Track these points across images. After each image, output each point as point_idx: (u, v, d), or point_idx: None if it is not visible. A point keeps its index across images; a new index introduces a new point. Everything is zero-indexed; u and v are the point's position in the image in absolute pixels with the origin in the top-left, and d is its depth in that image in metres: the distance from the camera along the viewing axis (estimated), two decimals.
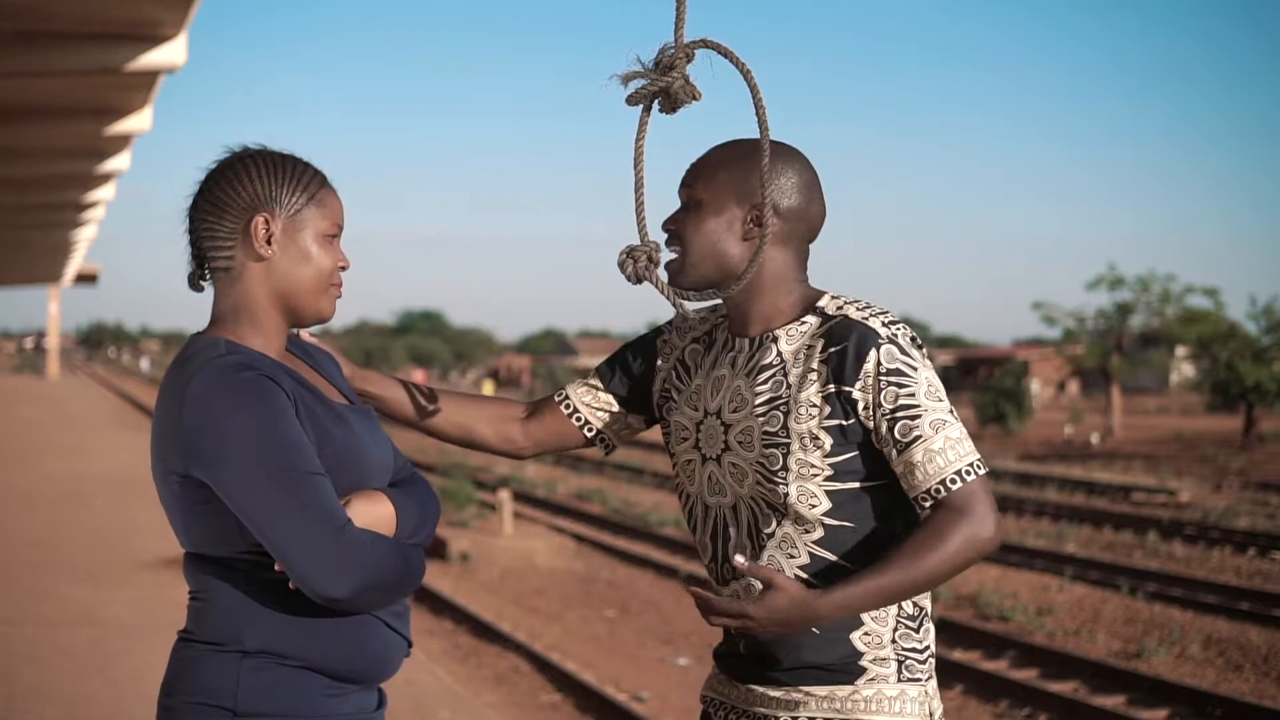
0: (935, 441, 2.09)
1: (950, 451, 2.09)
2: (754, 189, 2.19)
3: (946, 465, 2.09)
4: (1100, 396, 47.34)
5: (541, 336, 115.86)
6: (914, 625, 2.18)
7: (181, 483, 2.00)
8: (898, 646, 2.16)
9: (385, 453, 2.15)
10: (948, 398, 2.15)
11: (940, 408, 2.11)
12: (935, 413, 2.10)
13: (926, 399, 2.10)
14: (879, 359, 2.10)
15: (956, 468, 2.09)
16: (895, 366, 2.11)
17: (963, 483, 2.09)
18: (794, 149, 2.25)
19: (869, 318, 2.15)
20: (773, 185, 2.19)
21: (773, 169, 2.19)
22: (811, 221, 2.25)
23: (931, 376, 2.13)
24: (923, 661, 2.18)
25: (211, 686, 2.01)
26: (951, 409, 2.14)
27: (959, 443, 2.10)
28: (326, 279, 2.13)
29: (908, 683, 2.15)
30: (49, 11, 8.04)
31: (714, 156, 2.25)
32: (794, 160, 2.24)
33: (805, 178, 2.24)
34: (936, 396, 2.12)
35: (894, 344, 2.12)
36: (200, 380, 1.98)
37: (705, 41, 2.15)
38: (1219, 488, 22.80)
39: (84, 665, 7.08)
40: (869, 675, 2.14)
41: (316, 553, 1.93)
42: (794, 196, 2.22)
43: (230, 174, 2.11)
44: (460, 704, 7.02)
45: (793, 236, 2.23)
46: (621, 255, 2.19)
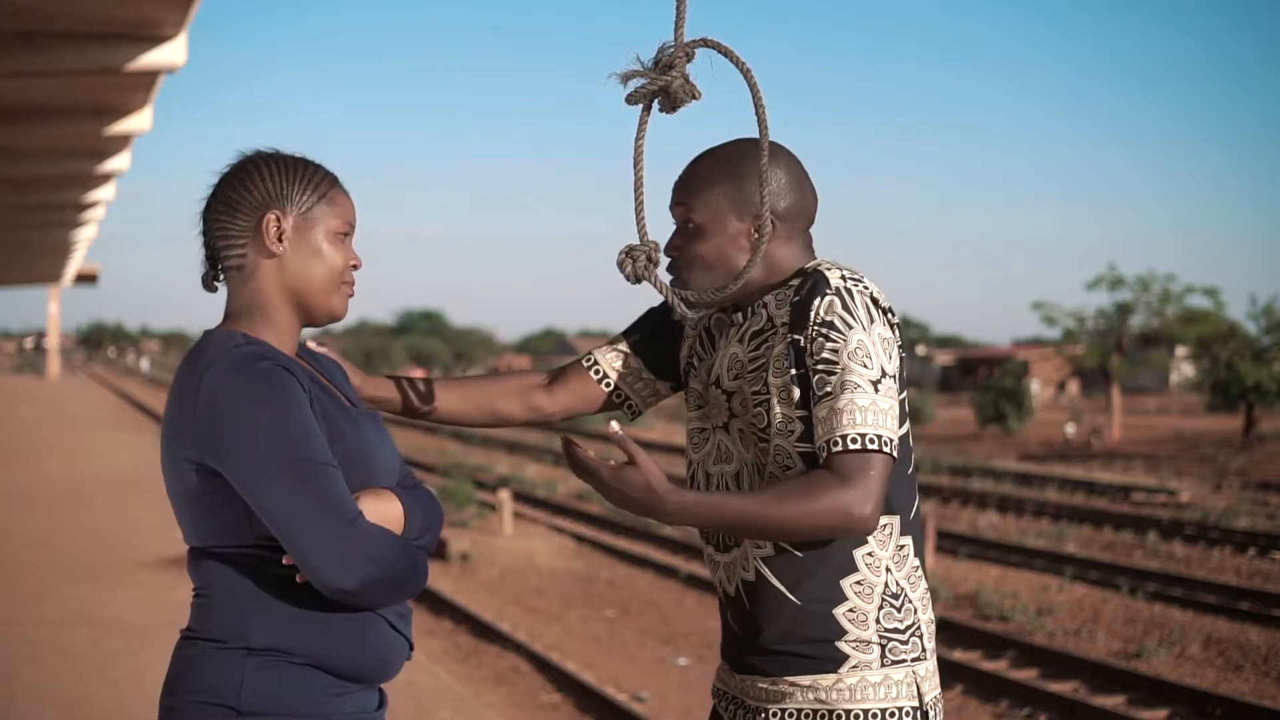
0: (840, 400, 2.05)
1: (851, 415, 2.04)
2: (750, 197, 2.21)
3: (839, 426, 2.05)
4: (1100, 396, 47.34)
5: (541, 336, 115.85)
6: (896, 604, 2.15)
7: (193, 471, 2.01)
8: (881, 627, 2.14)
9: (392, 456, 2.17)
10: (886, 369, 2.08)
11: (861, 372, 2.06)
12: (852, 374, 2.05)
13: (849, 359, 2.06)
14: (819, 308, 2.09)
15: (850, 432, 2.04)
16: (831, 319, 2.08)
17: (851, 449, 2.03)
18: (777, 145, 2.25)
19: (831, 270, 2.14)
20: (766, 187, 2.18)
21: (759, 176, 2.19)
22: (808, 212, 2.28)
23: (868, 341, 2.07)
24: (905, 642, 2.15)
25: (215, 684, 2.01)
26: (880, 380, 2.06)
27: (866, 410, 2.04)
28: (338, 276, 2.15)
29: (891, 666, 2.13)
30: (49, 11, 8.03)
31: (701, 171, 2.25)
32: (780, 158, 2.24)
33: (794, 173, 2.25)
34: (862, 360, 2.06)
35: (839, 297, 2.09)
36: (217, 369, 2.00)
37: (705, 40, 2.15)
38: (1219, 488, 22.80)
39: (84, 665, 7.08)
40: (851, 662, 2.13)
41: (327, 543, 1.94)
42: (789, 195, 2.24)
43: (242, 174, 2.14)
44: (460, 704, 7.03)
45: (795, 230, 2.25)
46: (621, 255, 2.20)
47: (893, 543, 2.16)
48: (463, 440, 33.74)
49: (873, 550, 2.14)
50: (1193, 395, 48.33)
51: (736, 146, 2.25)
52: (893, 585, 2.15)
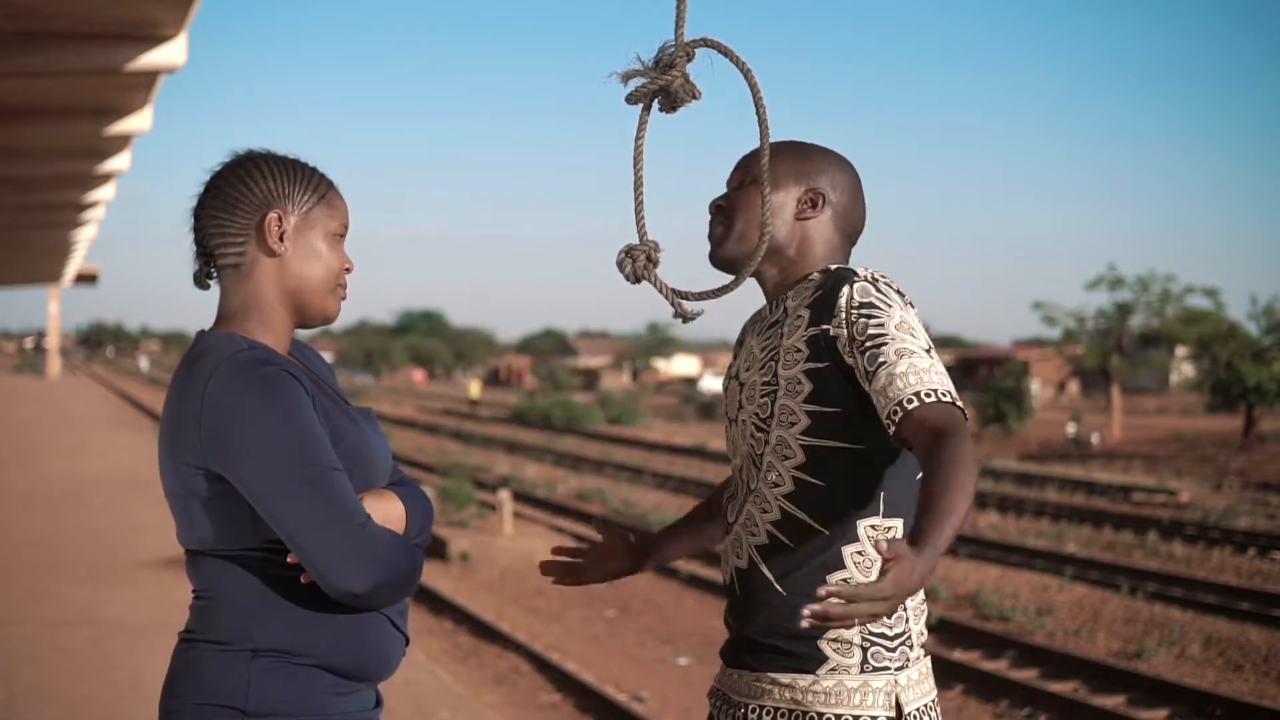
0: (899, 365, 2.00)
1: (919, 375, 1.99)
2: (813, 173, 2.25)
3: (910, 385, 1.98)
4: (1100, 396, 47.36)
5: (541, 336, 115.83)
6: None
7: (196, 476, 2.01)
8: (865, 629, 2.10)
9: (387, 454, 2.18)
10: (931, 345, 2.06)
11: (911, 341, 2.03)
12: (903, 343, 2.03)
13: (898, 330, 2.04)
14: (852, 294, 2.09)
15: (919, 389, 1.97)
16: (868, 300, 2.08)
17: (923, 402, 1.96)
18: (843, 157, 2.31)
19: (856, 268, 2.16)
20: (823, 174, 2.25)
21: (825, 161, 2.26)
22: (855, 221, 2.30)
23: (908, 316, 2.07)
24: (892, 649, 2.12)
25: (220, 686, 2.01)
26: (929, 348, 2.04)
27: (927, 372, 1.99)
28: (334, 278, 2.16)
29: (871, 673, 2.10)
30: (49, 11, 8.03)
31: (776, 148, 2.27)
32: (844, 164, 2.29)
33: (852, 181, 2.29)
34: (909, 331, 2.04)
35: (869, 283, 2.10)
36: (222, 375, 1.99)
37: (705, 40, 2.15)
38: (1219, 488, 22.80)
39: (84, 665, 7.08)
40: (830, 665, 2.11)
41: (338, 547, 1.95)
42: (846, 193, 2.27)
43: (241, 172, 2.13)
44: (460, 704, 7.03)
45: (837, 228, 2.27)
46: (620, 254, 2.19)
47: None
48: (463, 440, 33.74)
49: (864, 549, 2.12)
50: (1193, 395, 48.34)
51: (811, 143, 2.31)
52: None
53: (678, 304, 2.21)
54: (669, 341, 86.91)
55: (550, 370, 73.73)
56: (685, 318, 2.23)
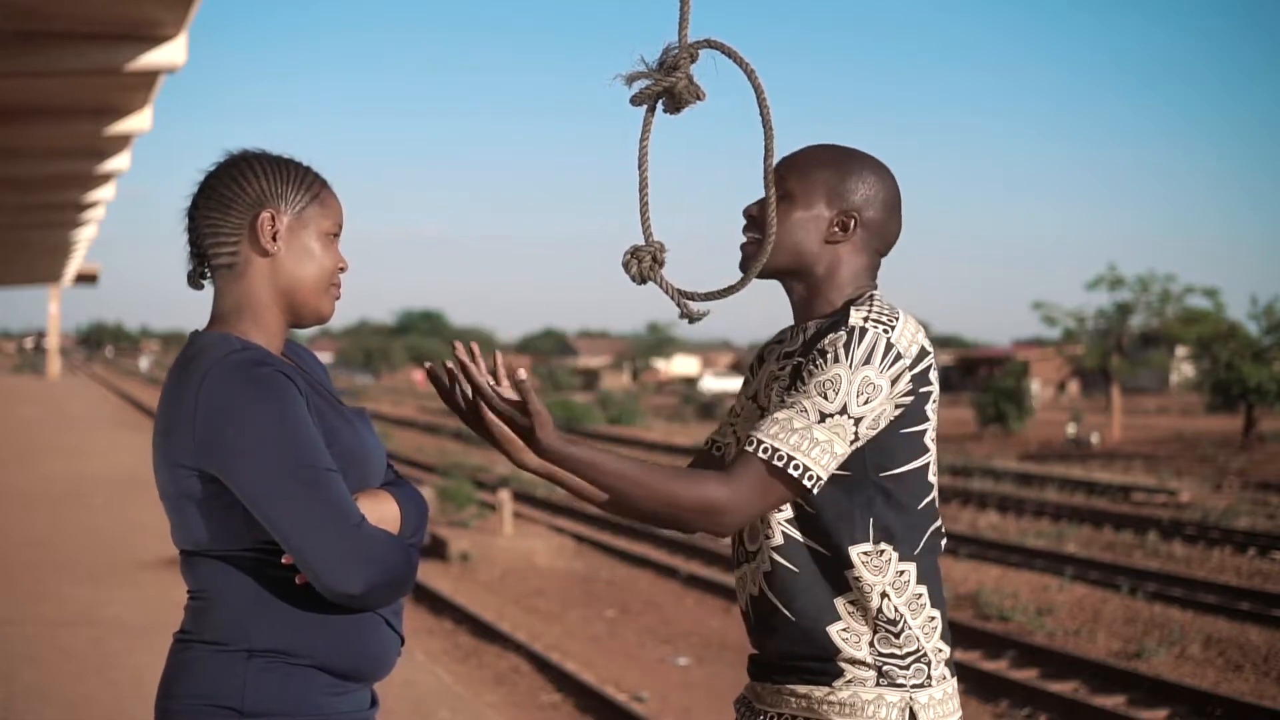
0: (780, 413, 2.07)
1: (779, 428, 2.05)
2: (848, 193, 2.22)
3: (757, 430, 2.07)
4: (1100, 396, 47.36)
5: (541, 336, 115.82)
6: (894, 630, 2.13)
7: (191, 478, 2.01)
8: (875, 651, 2.13)
9: (381, 454, 2.18)
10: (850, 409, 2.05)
11: (817, 401, 2.05)
12: (808, 399, 2.06)
13: (814, 387, 2.06)
14: (825, 342, 2.10)
15: (765, 441, 2.05)
16: (826, 350, 2.09)
17: (751, 451, 2.05)
18: (884, 165, 2.27)
19: (859, 308, 2.13)
20: (860, 193, 2.21)
21: (864, 178, 2.22)
22: (889, 237, 2.27)
23: (846, 377, 2.05)
24: (905, 667, 2.13)
25: (216, 687, 2.01)
26: (833, 415, 2.04)
27: (794, 432, 2.04)
28: (328, 278, 2.16)
29: (888, 687, 2.12)
30: (49, 11, 8.02)
31: (810, 154, 2.25)
32: (885, 176, 2.26)
33: (891, 194, 2.25)
34: (825, 392, 2.05)
35: (848, 334, 2.09)
36: (216, 376, 1.99)
37: (709, 41, 2.15)
38: (1219, 488, 22.80)
39: (84, 665, 7.07)
40: (847, 677, 2.13)
41: (333, 548, 1.95)
42: (878, 209, 2.24)
43: (235, 171, 2.13)
44: (460, 704, 7.02)
45: (869, 247, 2.25)
46: (626, 255, 2.19)
47: (891, 569, 2.14)
48: (463, 440, 33.74)
49: (860, 575, 2.13)
50: (1193, 395, 48.34)
51: (850, 149, 2.27)
52: (889, 611, 2.13)
53: (684, 305, 2.21)
54: (669, 341, 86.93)
55: (550, 370, 73.73)
56: (691, 318, 2.24)
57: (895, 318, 2.12)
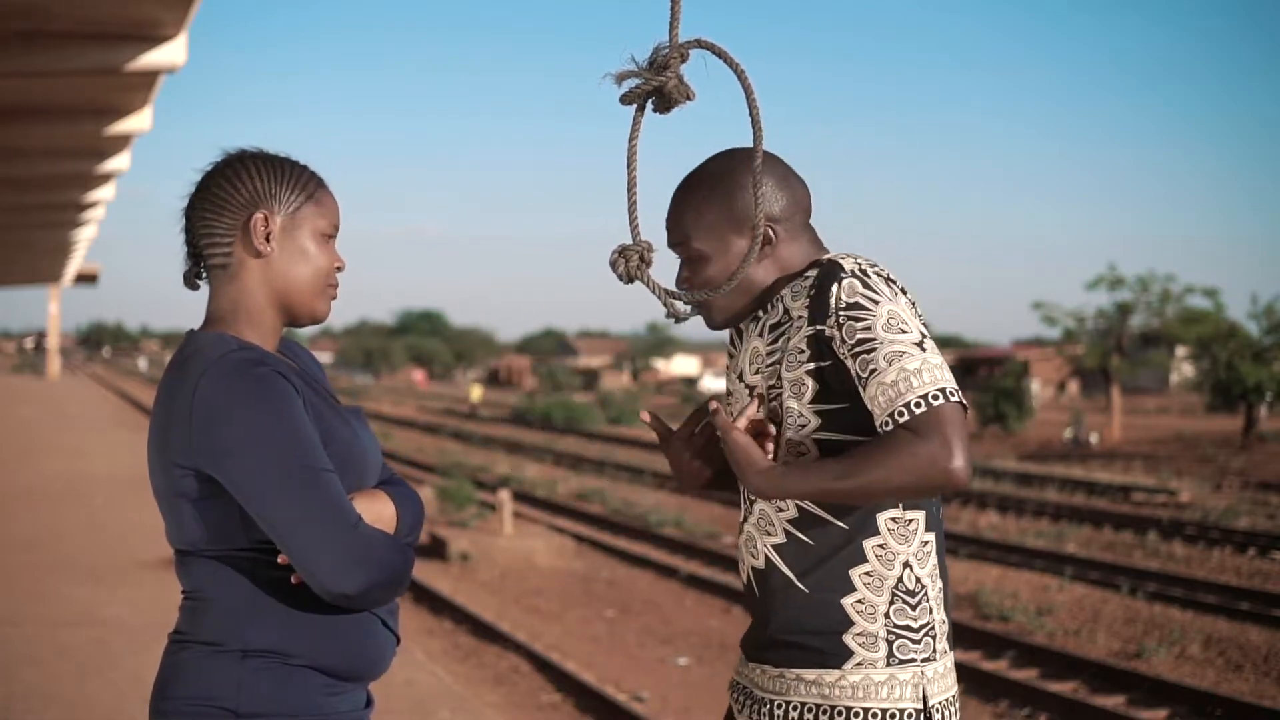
0: (889, 374, 2.01)
1: (907, 382, 2.00)
2: (745, 211, 2.19)
3: (898, 396, 2.00)
4: (1100, 396, 47.34)
5: (541, 336, 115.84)
6: (910, 601, 2.12)
7: (186, 477, 2.01)
8: (890, 622, 2.11)
9: (378, 453, 2.18)
10: (925, 331, 2.06)
11: (900, 339, 2.03)
12: (891, 344, 2.02)
13: (884, 331, 2.03)
14: (839, 294, 2.07)
15: (909, 398, 1.99)
16: (855, 300, 2.06)
17: (921, 409, 1.99)
18: (740, 152, 2.23)
19: (844, 259, 2.12)
20: (758, 202, 2.17)
21: (742, 188, 2.19)
22: (803, 205, 2.25)
23: (896, 308, 2.05)
24: (917, 641, 2.12)
25: (211, 687, 2.01)
26: (920, 340, 2.04)
27: (918, 373, 2.00)
28: (323, 278, 2.15)
29: (898, 666, 2.10)
30: (49, 11, 8.03)
31: (690, 200, 2.22)
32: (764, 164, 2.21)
33: (775, 174, 2.22)
34: (898, 328, 2.03)
35: (856, 277, 2.07)
36: (213, 376, 1.99)
37: (699, 41, 2.15)
38: (1219, 488, 22.80)
39: (84, 666, 7.08)
40: (856, 659, 2.10)
41: (330, 548, 1.95)
42: (780, 195, 2.22)
43: (229, 172, 2.13)
44: (460, 704, 7.02)
45: (796, 227, 2.24)
46: (614, 254, 2.20)
47: (917, 538, 2.13)
48: (463, 440, 33.74)
49: (885, 542, 2.11)
50: (1193, 395, 48.32)
51: (714, 165, 2.23)
52: (909, 581, 2.12)
53: (670, 304, 2.22)
54: (669, 341, 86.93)
55: (550, 370, 73.72)
56: (678, 318, 2.24)
57: (874, 260, 2.16)
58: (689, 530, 16.45)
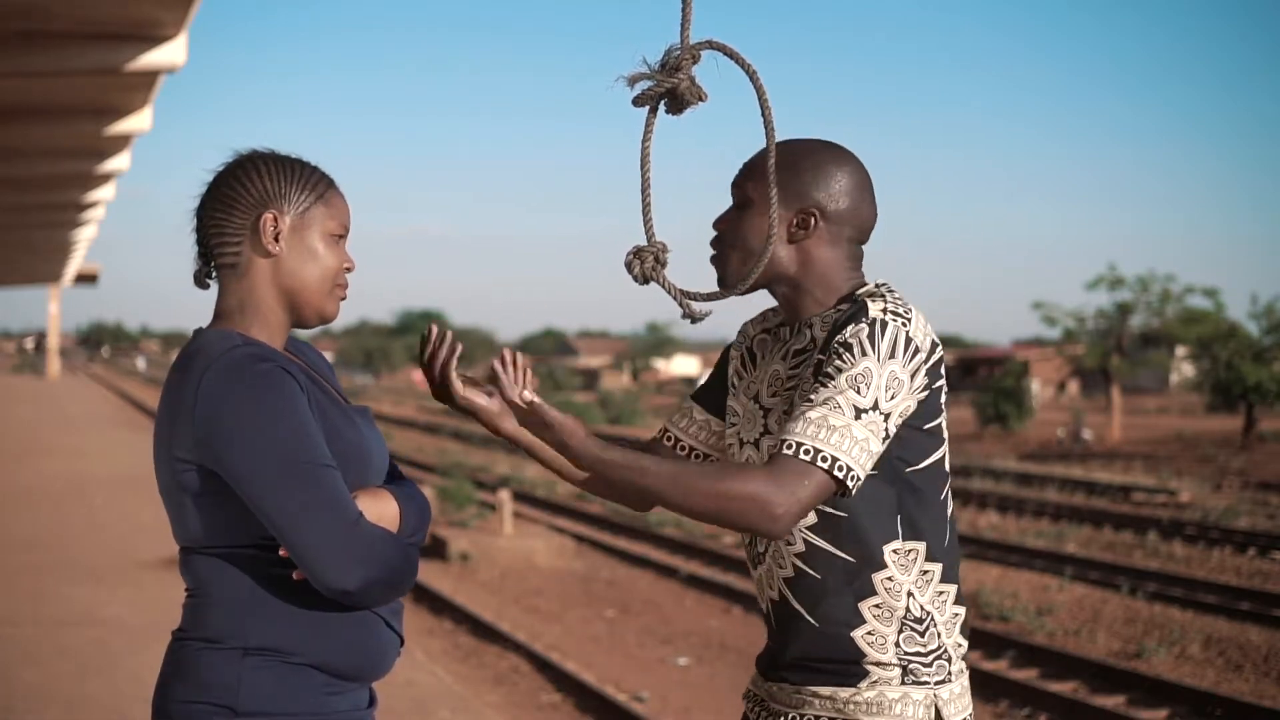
0: (812, 411, 2.01)
1: (817, 428, 2.00)
2: (804, 191, 2.20)
3: (797, 433, 2.00)
4: (1100, 396, 47.34)
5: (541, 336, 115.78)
6: (919, 629, 2.14)
7: (190, 472, 2.01)
8: (900, 650, 2.13)
9: (383, 452, 2.18)
10: (881, 405, 2.02)
11: (849, 395, 2.01)
12: (842, 395, 2.01)
13: (847, 382, 2.02)
14: (849, 329, 2.07)
15: (805, 442, 1.99)
16: (851, 343, 2.05)
17: (804, 456, 1.98)
18: (846, 151, 2.24)
19: (875, 300, 2.10)
20: (818, 187, 2.19)
21: (821, 171, 2.19)
22: (862, 223, 2.23)
23: (877, 370, 2.02)
24: (929, 664, 2.14)
25: (211, 685, 2.01)
26: (866, 409, 2.01)
27: (831, 429, 1.99)
28: (332, 278, 2.16)
29: (912, 685, 2.13)
30: (49, 11, 8.03)
31: (763, 157, 2.23)
32: (844, 163, 2.22)
33: (854, 180, 2.22)
34: (857, 386, 2.01)
35: (871, 326, 2.06)
36: (217, 370, 2.00)
37: (711, 43, 2.15)
38: (1219, 488, 22.80)
39: (85, 665, 7.07)
40: (872, 678, 2.13)
41: (330, 544, 1.95)
42: (842, 200, 2.21)
43: (239, 172, 2.13)
44: (460, 704, 7.02)
45: (840, 238, 2.22)
46: (629, 255, 2.20)
47: (916, 568, 2.14)
48: (463, 440, 33.74)
49: (892, 575, 2.13)
50: (1193, 395, 48.33)
51: (808, 143, 2.24)
52: (915, 610, 2.13)
53: (686, 305, 2.21)
54: (669, 341, 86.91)
55: (550, 370, 73.72)
56: (694, 318, 2.24)
57: (910, 310, 2.11)
58: (689, 530, 16.45)
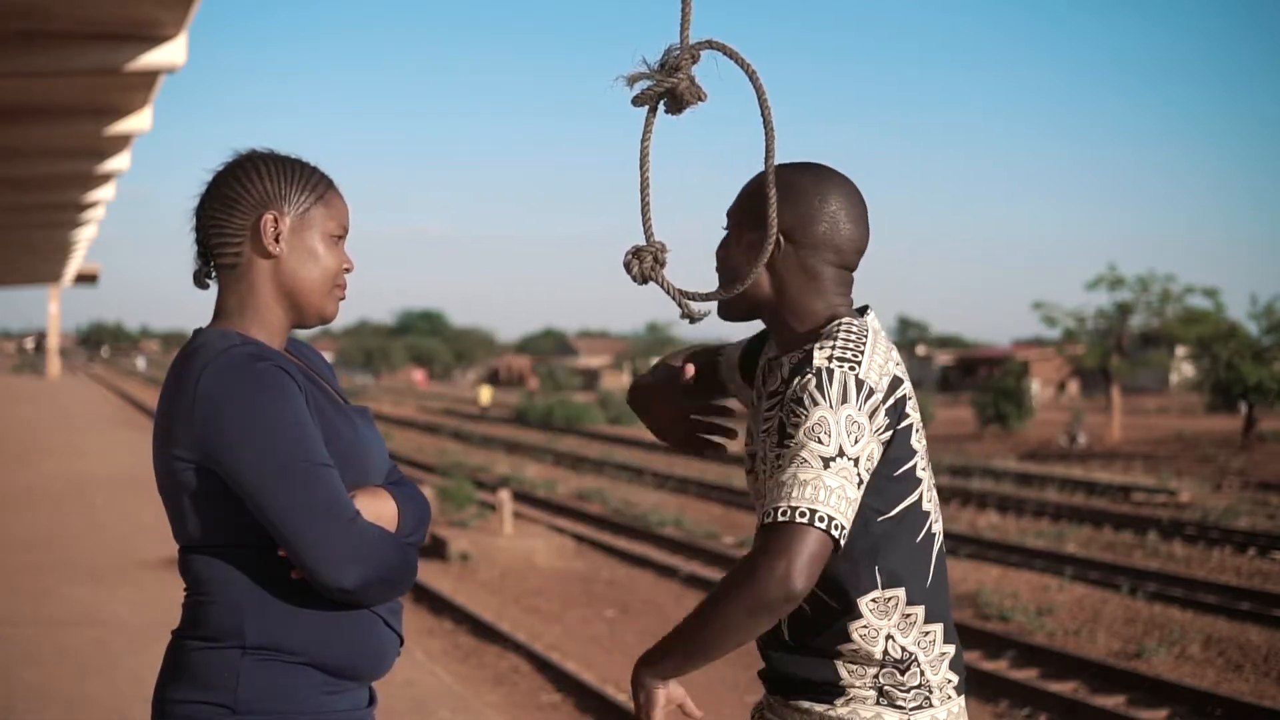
0: (784, 474, 2.02)
1: (789, 489, 2.00)
2: (763, 208, 2.17)
3: (774, 500, 2.02)
4: (1100, 396, 47.35)
5: (541, 336, 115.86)
6: (900, 668, 2.12)
7: (189, 471, 2.01)
8: (879, 683, 2.13)
9: (383, 452, 2.19)
10: (846, 449, 2.01)
11: (812, 447, 2.01)
12: (804, 449, 2.01)
13: (805, 435, 2.02)
14: (795, 388, 2.07)
15: (781, 505, 2.00)
16: (801, 396, 2.05)
17: (780, 522, 1.99)
18: (830, 173, 2.22)
19: (822, 347, 2.09)
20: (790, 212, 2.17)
21: (791, 195, 2.17)
22: (840, 248, 2.19)
23: (831, 418, 2.02)
24: (906, 691, 2.12)
25: (210, 684, 2.01)
26: (833, 456, 2.00)
27: (805, 485, 1.99)
28: (331, 279, 2.16)
29: (886, 708, 2.12)
30: (49, 11, 8.04)
31: (751, 182, 2.24)
32: (823, 185, 2.19)
33: (835, 203, 2.19)
34: (817, 436, 2.01)
35: (816, 375, 2.05)
36: (215, 369, 2.00)
37: (711, 43, 2.15)
38: (1219, 488, 22.80)
39: (85, 665, 7.08)
40: (848, 696, 2.14)
41: (327, 543, 1.96)
42: (818, 224, 2.18)
43: (240, 172, 2.14)
44: (460, 704, 7.02)
45: (817, 262, 2.19)
46: (628, 255, 2.20)
47: (897, 613, 2.12)
48: (463, 440, 33.74)
49: (868, 624, 2.12)
50: (1193, 395, 48.33)
51: (784, 167, 2.21)
52: (895, 652, 2.12)
53: (685, 305, 2.21)
54: (669, 341, 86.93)
55: (550, 370, 73.73)
56: (692, 318, 2.24)
57: (860, 351, 2.07)
58: (689, 530, 16.45)
